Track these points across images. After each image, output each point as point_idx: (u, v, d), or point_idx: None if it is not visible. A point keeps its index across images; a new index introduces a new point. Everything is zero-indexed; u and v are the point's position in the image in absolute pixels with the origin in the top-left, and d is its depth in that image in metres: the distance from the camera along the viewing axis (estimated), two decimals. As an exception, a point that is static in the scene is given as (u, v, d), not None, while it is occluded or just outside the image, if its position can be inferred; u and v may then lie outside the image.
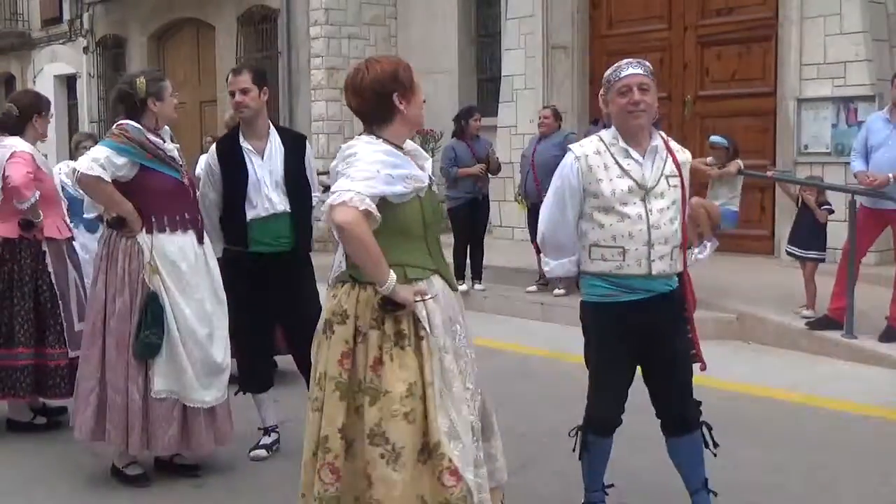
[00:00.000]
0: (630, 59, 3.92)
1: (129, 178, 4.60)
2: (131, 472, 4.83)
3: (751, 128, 10.52)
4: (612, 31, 12.26)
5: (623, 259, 3.80)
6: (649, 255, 3.78)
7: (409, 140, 3.45)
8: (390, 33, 15.01)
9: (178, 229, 4.68)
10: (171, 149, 4.78)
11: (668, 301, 3.86)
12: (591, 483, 4.22)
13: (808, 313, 7.81)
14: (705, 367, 3.96)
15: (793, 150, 10.09)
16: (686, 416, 3.96)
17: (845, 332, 7.33)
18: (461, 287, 9.82)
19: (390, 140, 3.30)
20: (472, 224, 9.81)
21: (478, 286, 9.80)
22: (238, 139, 5.04)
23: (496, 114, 12.69)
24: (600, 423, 4.07)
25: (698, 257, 3.97)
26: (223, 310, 4.86)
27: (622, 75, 3.84)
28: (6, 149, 5.52)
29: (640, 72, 3.82)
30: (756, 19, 10.74)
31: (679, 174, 3.84)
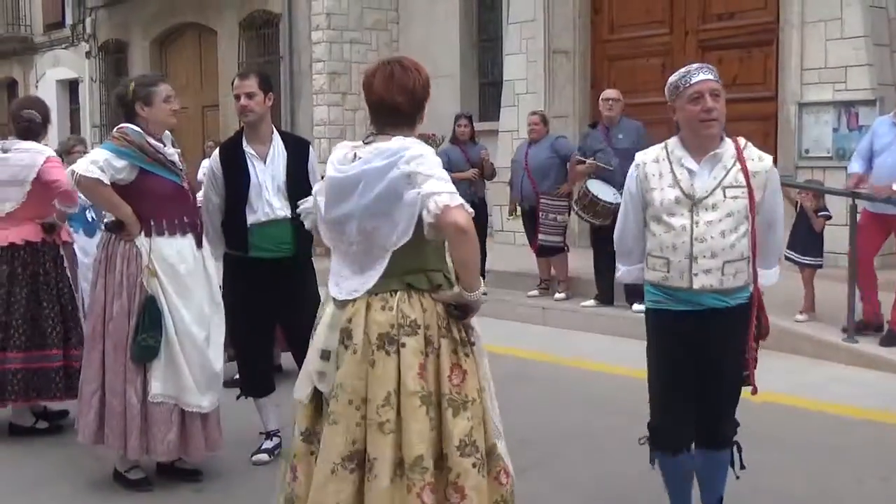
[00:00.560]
0: (699, 64, 3.79)
1: (128, 182, 4.60)
2: (133, 476, 4.83)
3: (752, 132, 10.46)
4: (613, 35, 12.27)
5: (667, 271, 3.71)
6: (691, 269, 3.65)
7: None
8: (392, 38, 15.03)
9: (177, 233, 4.69)
10: (172, 153, 4.78)
11: (724, 317, 3.70)
12: None
13: (803, 318, 7.82)
14: (756, 392, 3.81)
15: (794, 155, 10.10)
16: (715, 433, 3.88)
17: (846, 336, 7.34)
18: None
19: None
20: (472, 227, 9.80)
21: (481, 289, 9.79)
22: (241, 143, 5.05)
23: (498, 118, 12.70)
24: (655, 434, 3.94)
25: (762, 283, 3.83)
26: (220, 315, 4.86)
27: (693, 81, 3.69)
28: (39, 154, 5.62)
29: (711, 77, 3.68)
30: (757, 24, 10.76)
31: (747, 185, 3.63)
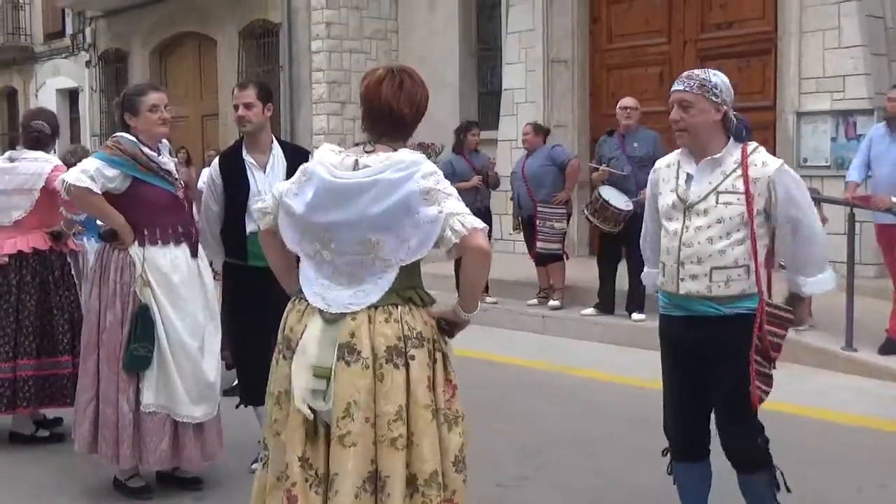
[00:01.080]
0: (684, 74, 3.74)
1: (121, 191, 4.60)
2: (133, 484, 4.84)
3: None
4: (612, 45, 12.31)
5: (664, 275, 3.74)
6: (677, 273, 3.66)
7: None
8: (391, 47, 15.07)
9: (171, 242, 4.69)
10: (166, 162, 4.79)
11: (717, 326, 3.63)
12: None
13: (802, 327, 7.83)
14: (755, 407, 3.65)
15: (792, 164, 10.09)
16: (734, 453, 3.76)
17: (844, 344, 7.35)
18: (462, 299, 9.86)
19: None
20: (475, 237, 9.82)
21: (488, 299, 9.84)
22: (241, 153, 5.08)
23: (497, 127, 12.74)
24: (668, 440, 3.93)
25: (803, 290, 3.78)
26: (215, 324, 4.85)
27: (671, 90, 3.71)
28: (47, 163, 5.69)
29: (681, 88, 3.66)
30: (755, 33, 10.79)
31: (745, 191, 3.58)
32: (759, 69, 10.77)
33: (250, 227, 4.96)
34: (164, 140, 4.86)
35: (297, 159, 5.16)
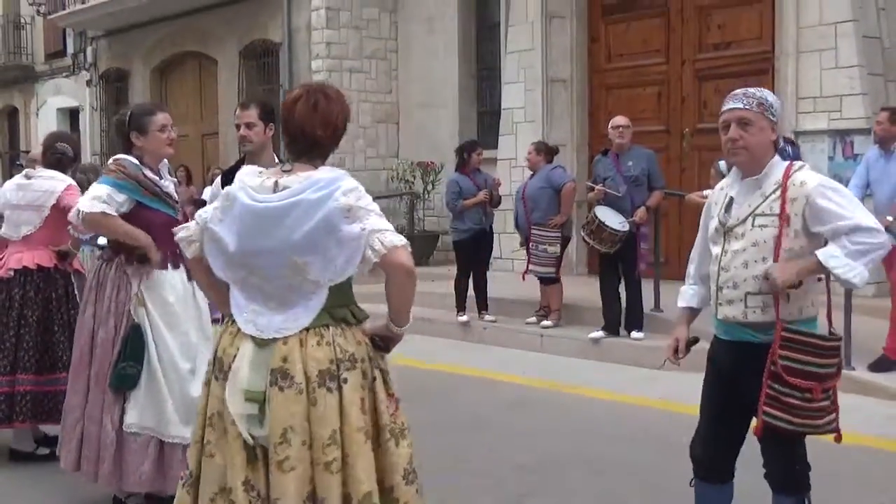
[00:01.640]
0: (738, 91, 3.65)
1: (125, 214, 4.60)
2: (132, 503, 4.83)
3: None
4: (610, 64, 12.37)
5: (710, 299, 3.71)
6: (717, 298, 3.61)
7: None
8: (391, 67, 15.14)
9: (169, 265, 4.68)
10: (167, 184, 4.80)
11: (755, 353, 3.51)
12: None
13: None
14: (757, 433, 3.55)
15: (790, 183, 10.14)
16: (770, 475, 3.70)
17: (843, 363, 7.35)
18: (461, 318, 9.90)
19: None
20: (476, 256, 9.86)
21: (487, 317, 9.85)
22: (243, 172, 5.10)
23: (496, 146, 12.78)
24: (693, 460, 3.85)
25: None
26: (208, 346, 4.82)
27: (723, 109, 3.61)
28: (61, 182, 5.77)
29: (739, 105, 3.56)
30: (753, 53, 10.85)
31: (781, 213, 3.47)
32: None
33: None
34: (165, 160, 4.88)
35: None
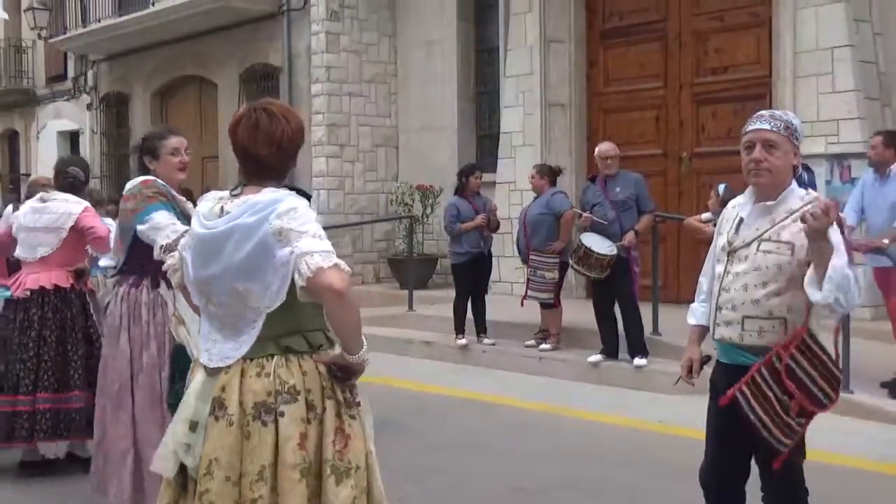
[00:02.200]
0: (765, 112, 3.64)
1: None
2: None
3: (748, 184, 10.61)
4: (608, 88, 12.44)
5: (708, 317, 3.68)
6: (715, 318, 3.59)
7: None
8: (390, 91, 15.20)
9: None
10: (189, 206, 4.80)
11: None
12: None
13: None
14: (778, 464, 3.48)
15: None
16: (770, 500, 3.66)
17: (841, 386, 7.35)
18: (460, 341, 9.90)
19: None
20: (475, 279, 9.87)
21: (486, 340, 9.85)
22: (244, 194, 5.11)
23: (495, 170, 12.83)
24: (702, 487, 3.80)
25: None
26: None
27: (747, 129, 3.58)
28: (77, 203, 5.92)
29: (766, 127, 3.53)
30: (750, 78, 10.92)
31: (792, 241, 3.43)
32: (754, 113, 10.78)
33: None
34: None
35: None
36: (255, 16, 15.91)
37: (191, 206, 4.83)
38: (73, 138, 22.02)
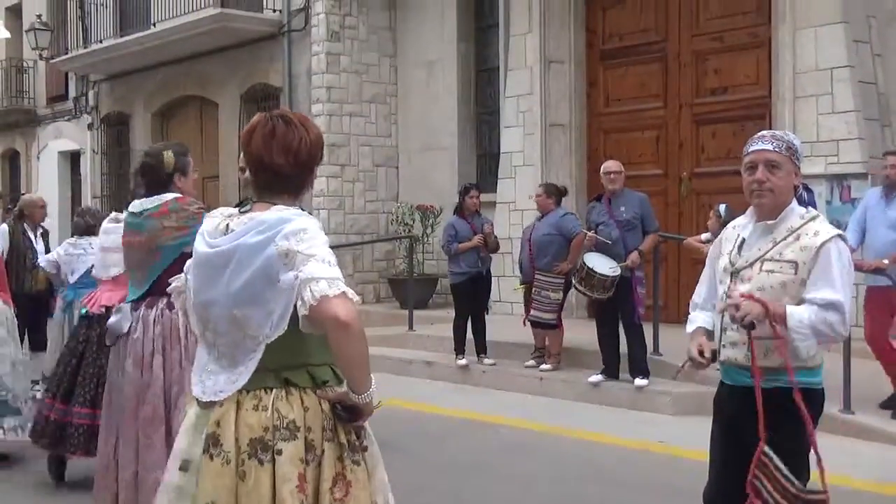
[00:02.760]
0: (766, 133, 3.66)
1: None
2: None
3: (747, 205, 10.60)
4: (608, 108, 12.47)
5: (714, 338, 3.64)
6: (720, 339, 3.56)
7: None
8: (390, 111, 15.24)
9: None
10: None
11: (754, 399, 3.41)
12: None
13: None
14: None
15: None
16: None
17: (842, 407, 7.34)
18: (461, 361, 9.87)
19: None
20: (474, 299, 9.85)
21: (487, 360, 9.82)
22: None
23: (495, 189, 12.84)
24: (704, 502, 3.76)
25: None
26: None
27: (750, 149, 3.57)
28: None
29: (769, 147, 3.53)
30: (750, 98, 10.95)
31: (795, 259, 3.42)
32: (753, 134, 10.78)
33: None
34: None
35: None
36: (255, 36, 15.97)
37: None
38: (73, 158, 22.06)
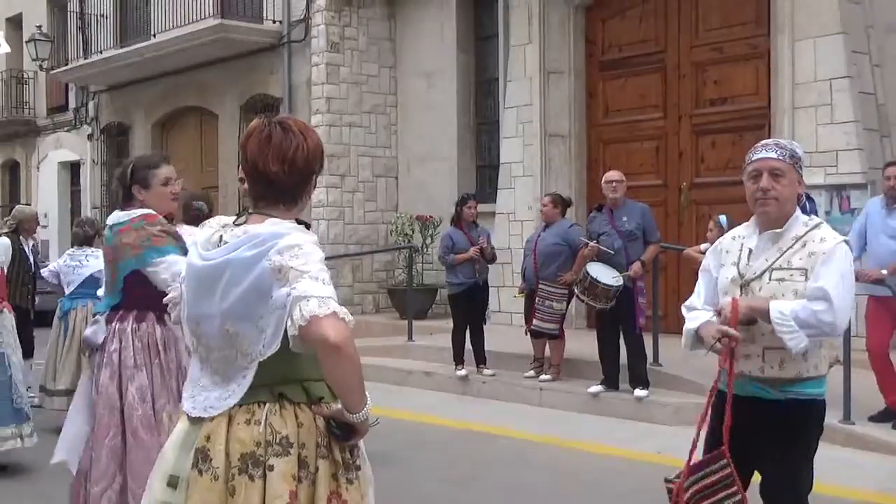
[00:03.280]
0: (770, 141, 3.64)
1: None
2: None
3: (747, 215, 10.58)
4: (608, 119, 12.48)
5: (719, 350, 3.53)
6: (732, 352, 3.45)
7: None
8: (390, 121, 15.25)
9: None
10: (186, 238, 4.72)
11: (768, 411, 3.42)
12: None
13: None
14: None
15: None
16: None
17: (843, 417, 7.33)
18: (460, 372, 9.85)
19: None
20: (472, 310, 9.84)
21: (486, 371, 9.80)
22: (246, 224, 5.10)
23: (495, 200, 12.84)
24: None
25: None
26: None
27: (753, 158, 3.55)
28: (191, 236, 6.10)
29: (773, 155, 3.51)
30: (749, 109, 10.95)
31: (804, 266, 3.41)
32: (753, 144, 10.73)
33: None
34: None
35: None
36: (255, 47, 16.02)
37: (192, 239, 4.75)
38: (73, 169, 22.09)
